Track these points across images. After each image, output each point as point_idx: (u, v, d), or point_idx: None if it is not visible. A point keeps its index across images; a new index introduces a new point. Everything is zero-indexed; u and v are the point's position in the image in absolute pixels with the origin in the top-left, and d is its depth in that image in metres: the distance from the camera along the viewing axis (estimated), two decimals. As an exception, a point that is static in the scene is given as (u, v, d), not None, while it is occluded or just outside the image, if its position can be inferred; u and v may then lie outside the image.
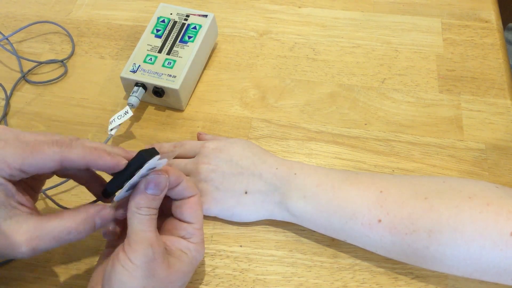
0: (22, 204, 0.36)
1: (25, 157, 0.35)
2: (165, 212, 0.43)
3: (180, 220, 0.42)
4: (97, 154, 0.37)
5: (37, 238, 0.35)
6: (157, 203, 0.39)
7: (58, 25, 0.65)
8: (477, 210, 0.39)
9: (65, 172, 0.41)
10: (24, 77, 0.60)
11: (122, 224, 0.42)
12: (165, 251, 0.38)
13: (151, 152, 0.38)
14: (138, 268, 0.36)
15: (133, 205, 0.38)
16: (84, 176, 0.43)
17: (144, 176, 0.38)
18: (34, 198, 0.41)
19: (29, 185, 0.41)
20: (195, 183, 0.48)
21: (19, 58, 0.61)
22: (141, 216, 0.37)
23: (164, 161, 0.39)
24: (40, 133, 0.38)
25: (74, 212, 0.38)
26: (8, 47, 0.63)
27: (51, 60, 0.62)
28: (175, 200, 0.42)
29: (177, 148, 0.52)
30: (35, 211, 0.38)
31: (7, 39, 0.62)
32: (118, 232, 0.42)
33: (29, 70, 0.61)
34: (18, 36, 0.65)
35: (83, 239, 0.38)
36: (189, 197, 0.41)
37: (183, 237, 0.41)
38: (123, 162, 0.38)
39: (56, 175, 0.42)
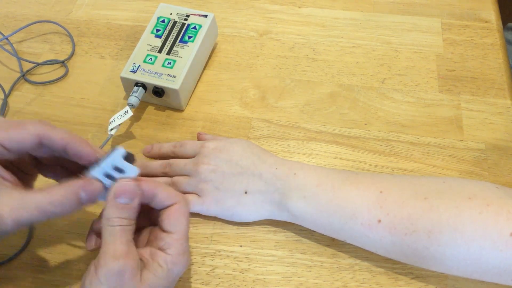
0: (4, 179, 0.36)
1: (7, 133, 0.36)
2: (154, 223, 0.41)
3: (162, 230, 0.39)
4: (77, 139, 0.38)
5: (20, 209, 0.35)
6: (129, 213, 0.37)
7: (58, 25, 0.65)
8: (477, 210, 0.39)
9: (43, 154, 0.40)
10: (24, 77, 0.60)
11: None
12: (139, 264, 0.36)
13: (127, 155, 0.38)
14: (102, 284, 0.34)
15: (103, 216, 0.37)
16: (60, 167, 0.42)
17: (114, 179, 0.38)
18: (25, 180, 0.41)
19: (17, 167, 0.40)
20: (194, 184, 0.48)
21: (19, 59, 0.61)
22: (111, 228, 0.36)
23: (134, 170, 0.38)
24: (22, 120, 0.39)
25: (58, 185, 0.37)
26: (8, 47, 0.63)
27: (52, 60, 0.62)
28: (159, 209, 0.40)
29: (176, 148, 0.52)
30: (20, 186, 0.37)
31: (7, 39, 0.62)
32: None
33: (27, 71, 0.61)
34: (18, 36, 0.65)
35: (70, 214, 0.37)
36: (169, 206, 0.39)
37: (160, 248, 0.38)
38: (100, 153, 0.38)
39: (36, 157, 0.41)
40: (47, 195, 0.36)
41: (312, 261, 0.46)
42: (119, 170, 0.38)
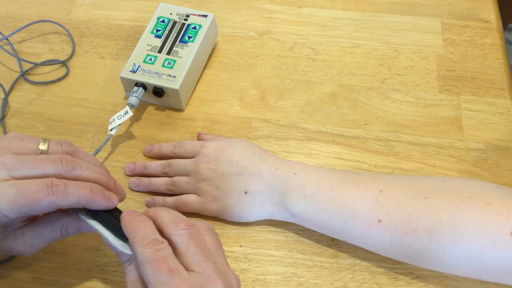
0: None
1: (21, 208, 0.35)
2: None
3: None
4: (91, 198, 0.37)
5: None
6: (122, 257, 0.37)
7: (58, 25, 0.65)
8: (477, 210, 0.39)
9: None
10: (24, 76, 0.60)
11: None
12: None
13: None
14: None
15: None
16: None
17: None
18: None
19: None
20: (194, 184, 0.48)
21: (19, 59, 0.61)
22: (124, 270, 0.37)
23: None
24: (38, 165, 0.37)
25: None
26: (8, 47, 0.63)
27: (53, 60, 0.62)
28: None
29: (176, 148, 0.52)
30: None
31: (6, 39, 0.62)
32: None
33: (27, 70, 0.61)
34: (18, 36, 0.65)
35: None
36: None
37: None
38: (115, 203, 0.39)
39: None
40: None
41: (312, 261, 0.46)
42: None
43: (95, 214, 0.39)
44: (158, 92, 0.54)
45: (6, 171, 0.35)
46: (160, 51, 0.57)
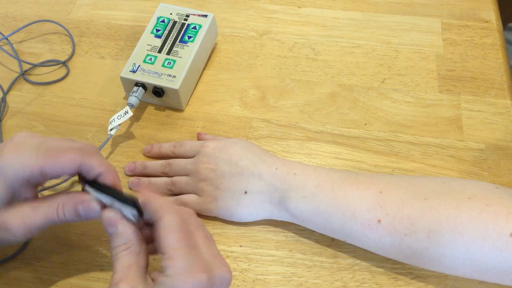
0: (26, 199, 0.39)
1: (47, 161, 0.37)
2: None
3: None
4: (112, 169, 0.39)
5: (30, 218, 0.38)
6: (121, 239, 0.37)
7: (59, 24, 0.65)
8: (476, 211, 0.39)
9: None
10: (23, 76, 0.60)
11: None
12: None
13: (138, 207, 0.38)
14: None
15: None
16: None
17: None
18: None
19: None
20: (194, 184, 0.48)
21: (19, 60, 0.61)
22: (112, 256, 0.36)
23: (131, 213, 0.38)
24: (63, 140, 0.40)
25: (63, 195, 0.39)
26: (8, 47, 0.63)
27: (53, 60, 0.62)
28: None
29: (176, 148, 0.52)
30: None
31: (6, 39, 0.63)
32: None
33: (26, 70, 0.61)
34: (18, 36, 0.65)
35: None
36: (157, 221, 0.36)
37: (161, 271, 0.35)
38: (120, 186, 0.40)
39: None
40: (52, 203, 0.38)
41: (312, 261, 0.46)
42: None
43: (99, 188, 0.39)
44: (158, 92, 0.54)
45: None
46: (160, 51, 0.57)
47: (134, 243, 0.37)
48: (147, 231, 0.39)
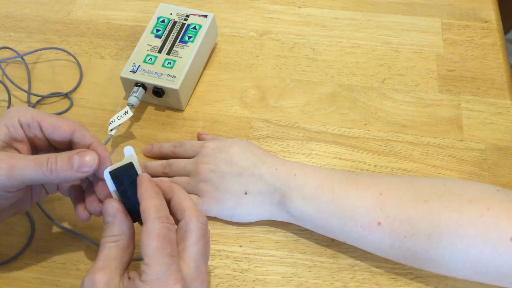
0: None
1: (45, 118, 0.40)
2: None
3: None
4: (100, 142, 0.40)
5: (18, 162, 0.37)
6: (111, 230, 0.36)
7: (68, 53, 0.63)
8: (477, 214, 0.39)
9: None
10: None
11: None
12: (113, 280, 0.34)
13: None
14: None
15: None
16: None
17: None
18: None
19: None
20: (194, 184, 0.48)
21: (28, 94, 0.61)
22: (101, 245, 0.36)
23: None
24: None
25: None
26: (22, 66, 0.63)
27: (57, 93, 0.59)
28: None
29: (176, 148, 0.52)
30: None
31: (22, 58, 0.62)
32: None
33: (35, 104, 0.61)
34: (19, 36, 0.65)
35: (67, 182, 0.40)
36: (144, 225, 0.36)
37: (139, 273, 0.35)
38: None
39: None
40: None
41: (312, 261, 0.47)
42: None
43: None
44: (158, 92, 0.54)
45: None
46: (160, 51, 0.57)
47: (125, 238, 0.37)
48: None
